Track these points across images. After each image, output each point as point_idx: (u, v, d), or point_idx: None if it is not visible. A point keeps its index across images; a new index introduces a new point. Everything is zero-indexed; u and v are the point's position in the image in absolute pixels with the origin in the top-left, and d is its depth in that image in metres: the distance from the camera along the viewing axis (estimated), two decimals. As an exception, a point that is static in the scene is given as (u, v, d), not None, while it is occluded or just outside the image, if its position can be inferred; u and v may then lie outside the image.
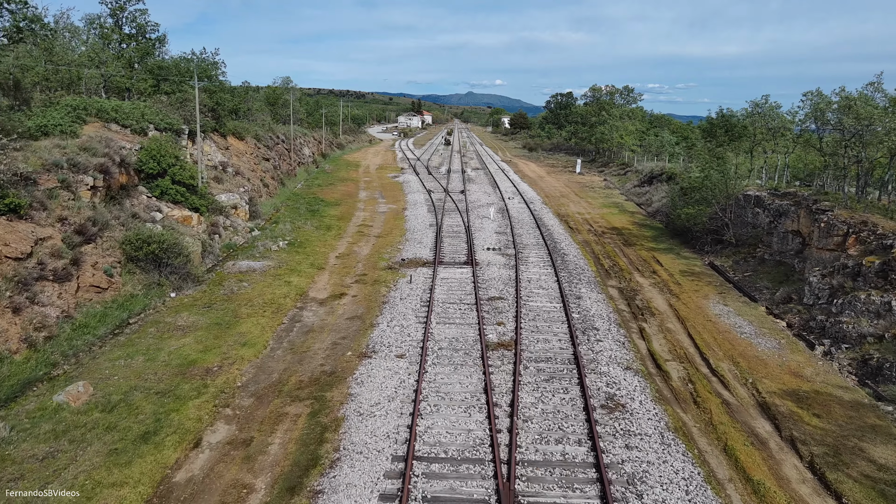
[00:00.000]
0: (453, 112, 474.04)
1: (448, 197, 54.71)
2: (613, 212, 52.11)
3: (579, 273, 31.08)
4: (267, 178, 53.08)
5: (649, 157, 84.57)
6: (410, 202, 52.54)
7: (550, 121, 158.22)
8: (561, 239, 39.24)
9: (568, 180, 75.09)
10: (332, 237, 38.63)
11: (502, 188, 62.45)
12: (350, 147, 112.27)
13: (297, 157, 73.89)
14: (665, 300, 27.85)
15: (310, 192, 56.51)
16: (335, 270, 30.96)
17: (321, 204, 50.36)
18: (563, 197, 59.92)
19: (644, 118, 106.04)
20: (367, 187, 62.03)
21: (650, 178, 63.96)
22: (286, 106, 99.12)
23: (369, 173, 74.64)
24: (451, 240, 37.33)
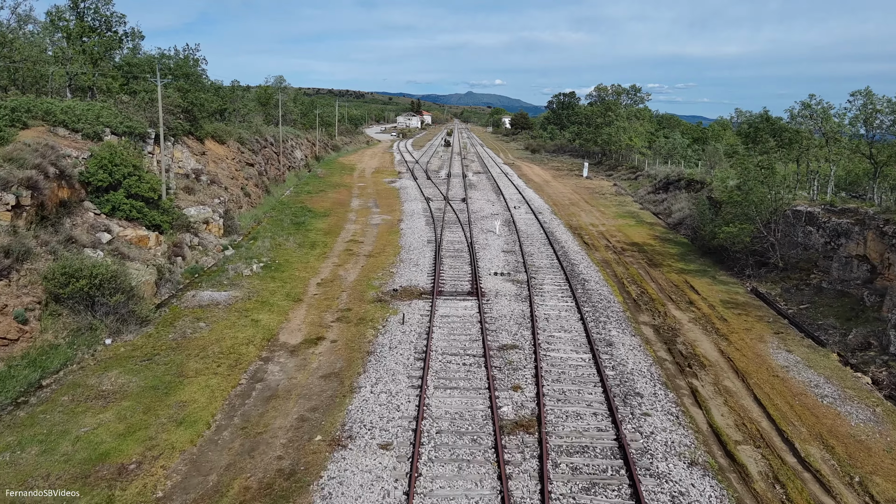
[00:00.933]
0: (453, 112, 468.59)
1: (448, 206, 49.48)
2: (630, 223, 46.88)
3: (605, 306, 25.84)
4: (249, 186, 47.81)
5: (660, 160, 79.40)
6: (407, 212, 47.30)
7: (553, 121, 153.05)
8: (577, 259, 34.00)
9: (576, 185, 69.87)
10: (316, 257, 33.38)
11: (507, 195, 57.21)
12: (346, 149, 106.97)
13: (288, 160, 68.64)
14: (713, 344, 22.63)
15: (298, 201, 51.26)
16: (314, 303, 25.71)
17: (308, 215, 45.10)
18: (574, 205, 54.68)
19: (652, 119, 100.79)
20: (360, 194, 56.79)
21: (666, 185, 58.71)
22: (278, 106, 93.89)
23: (364, 178, 69.38)
24: (451, 261, 32.09)
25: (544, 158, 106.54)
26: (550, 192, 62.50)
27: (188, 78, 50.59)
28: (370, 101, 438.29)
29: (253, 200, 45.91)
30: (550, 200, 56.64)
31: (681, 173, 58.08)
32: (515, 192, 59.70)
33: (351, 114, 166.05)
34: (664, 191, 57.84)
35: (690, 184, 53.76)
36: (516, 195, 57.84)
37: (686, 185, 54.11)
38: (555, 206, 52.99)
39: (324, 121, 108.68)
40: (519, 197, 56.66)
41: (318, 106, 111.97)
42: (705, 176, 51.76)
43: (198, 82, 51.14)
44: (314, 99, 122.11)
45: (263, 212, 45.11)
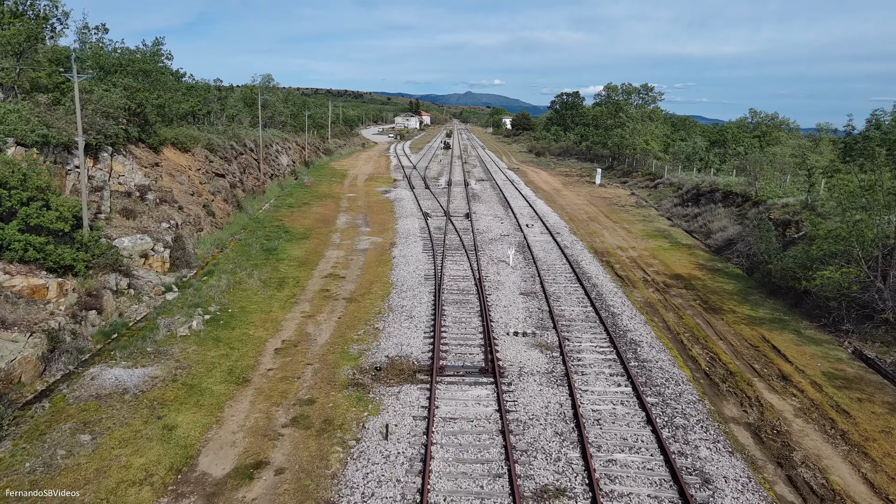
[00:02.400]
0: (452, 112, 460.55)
1: (450, 223, 41.75)
2: (664, 246, 39.17)
3: (673, 390, 18.12)
4: (216, 203, 40.05)
5: (679, 165, 71.71)
6: (401, 232, 39.55)
7: (556, 122, 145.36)
8: (615, 302, 26.28)
9: (590, 195, 62.13)
10: (283, 302, 25.64)
11: (516, 208, 49.47)
12: (339, 152, 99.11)
13: (271, 168, 60.83)
14: (850, 465, 14.96)
15: (275, 218, 43.49)
16: (265, 388, 17.99)
17: (284, 237, 37.36)
18: (593, 220, 46.96)
19: (666, 120, 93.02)
20: (349, 208, 49.02)
21: (696, 196, 51.00)
22: (266, 107, 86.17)
23: (356, 187, 61.59)
24: (456, 310, 24.34)
25: (550, 162, 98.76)
26: (564, 204, 54.78)
27: (147, 75, 42.86)
28: (368, 102, 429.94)
29: (219, 220, 38.13)
30: (566, 215, 48.92)
31: (714, 183, 50.32)
32: (525, 205, 51.94)
33: (347, 114, 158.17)
34: (694, 203, 50.12)
35: (728, 196, 46.06)
36: (527, 208, 50.08)
37: (723, 198, 46.40)
38: (572, 223, 45.26)
39: (316, 122, 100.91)
40: (530, 211, 48.89)
41: (310, 106, 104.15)
42: (748, 189, 44.03)
43: (158, 80, 43.36)
44: (306, 99, 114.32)
45: (231, 234, 37.36)
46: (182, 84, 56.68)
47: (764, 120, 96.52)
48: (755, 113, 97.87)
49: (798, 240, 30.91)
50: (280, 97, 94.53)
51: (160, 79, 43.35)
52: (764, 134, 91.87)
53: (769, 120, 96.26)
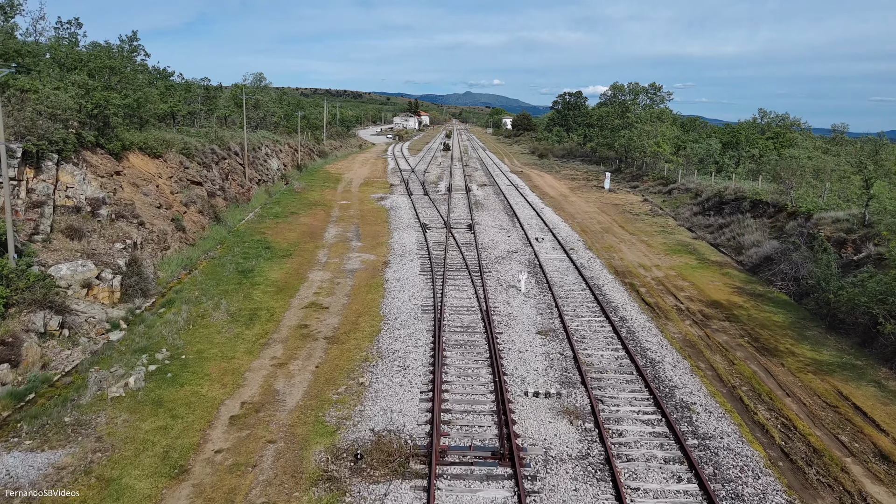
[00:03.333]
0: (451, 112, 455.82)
1: (450, 237, 37.18)
2: (690, 263, 34.59)
3: (752, 488, 13.47)
4: (189, 215, 35.45)
5: (693, 169, 67.16)
6: (396, 248, 34.96)
7: (558, 122, 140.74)
8: (651, 342, 21.70)
9: (599, 201, 57.55)
10: (249, 344, 21.03)
11: (522, 218, 44.87)
12: (335, 154, 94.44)
13: (258, 173, 56.21)
14: None
15: (257, 231, 38.89)
16: (205, 485, 13.32)
17: (264, 255, 32.75)
18: (607, 232, 42.37)
19: (675, 121, 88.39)
20: (340, 218, 44.39)
21: (719, 204, 46.42)
22: (258, 107, 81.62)
23: (349, 193, 56.97)
24: (460, 358, 19.72)
25: (554, 165, 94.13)
26: (573, 213, 50.19)
27: (114, 72, 38.26)
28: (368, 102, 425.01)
29: (191, 235, 33.49)
30: (577, 225, 44.31)
31: (739, 190, 45.71)
32: (532, 214, 47.32)
33: (344, 115, 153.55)
34: (717, 212, 45.54)
35: (757, 206, 41.49)
36: (534, 218, 45.45)
37: (751, 208, 41.82)
38: (585, 236, 40.67)
39: (311, 123, 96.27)
40: (538, 221, 44.26)
41: (305, 107, 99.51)
42: (782, 198, 39.42)
43: (127, 78, 38.73)
44: (301, 99, 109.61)
45: (204, 251, 32.75)
46: (161, 83, 52.03)
47: (774, 120, 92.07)
48: (765, 113, 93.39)
49: (857, 263, 26.32)
50: (273, 97, 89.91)
51: (129, 77, 38.69)
52: (777, 135, 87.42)
53: (779, 120, 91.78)
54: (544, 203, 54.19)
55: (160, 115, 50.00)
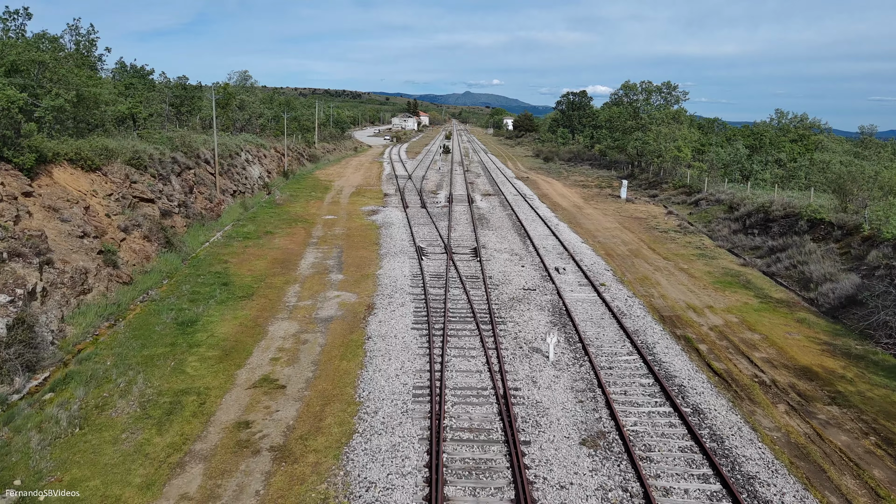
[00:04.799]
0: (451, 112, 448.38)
1: (451, 266, 30.08)
2: (750, 302, 27.47)
3: None
4: (131, 242, 28.32)
5: (718, 176, 60.15)
6: (385, 284, 27.84)
7: (563, 123, 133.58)
8: (746, 454, 14.57)
9: (618, 214, 50.47)
10: (153, 467, 13.85)
11: (535, 237, 37.78)
12: (327, 158, 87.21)
13: (234, 183, 49.06)
14: None
15: (219, 258, 31.78)
16: None
17: (218, 295, 25.63)
18: (636, 255, 35.30)
19: (693, 123, 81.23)
20: (322, 239, 37.26)
21: (764, 222, 39.33)
22: (244, 108, 74.50)
23: (337, 205, 49.83)
24: (468, 496, 12.64)
25: (562, 169, 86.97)
26: (592, 229, 43.08)
27: (44, 68, 31.14)
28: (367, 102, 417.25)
29: (125, 271, 26.31)
30: (600, 247, 37.21)
31: (789, 206, 38.54)
32: (546, 232, 40.20)
33: (341, 115, 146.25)
34: (762, 231, 38.47)
35: (816, 225, 34.41)
36: (550, 238, 38.32)
37: (809, 228, 34.73)
38: (612, 262, 33.60)
39: (302, 125, 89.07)
40: (554, 243, 37.15)
41: (296, 107, 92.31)
42: (851, 218, 32.29)
43: (59, 75, 31.56)
44: (291, 99, 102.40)
45: (140, 292, 25.62)
46: (120, 82, 44.77)
47: (792, 121, 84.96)
48: (782, 114, 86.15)
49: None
50: (260, 97, 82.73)
51: (64, 74, 31.51)
52: (801, 137, 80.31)
53: (798, 121, 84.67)
54: (558, 217, 47.05)
55: (118, 118, 42.89)
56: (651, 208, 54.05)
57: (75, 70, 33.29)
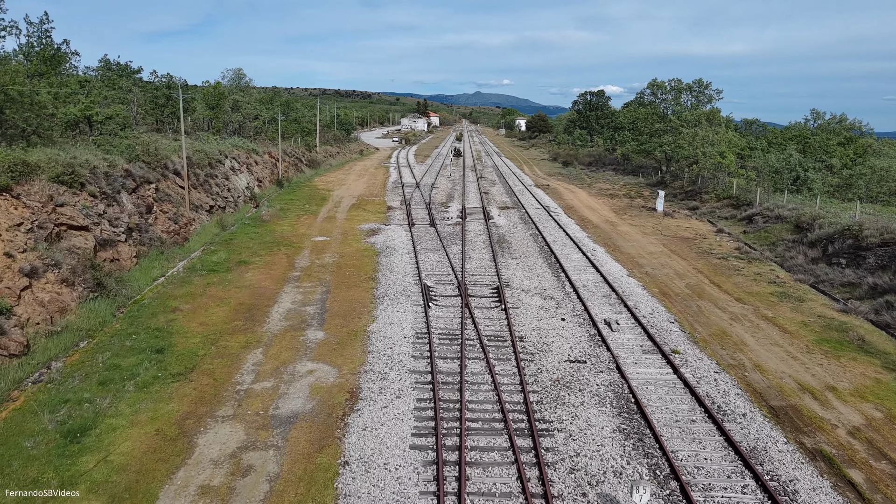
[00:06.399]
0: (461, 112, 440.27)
1: (468, 318, 22.32)
2: (883, 378, 19.45)
3: None
4: (38, 292, 20.71)
5: (768, 185, 52.05)
6: (379, 346, 20.11)
7: (579, 124, 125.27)
8: None
9: (658, 231, 42.46)
10: None
11: (571, 269, 29.92)
12: (329, 163, 79.55)
13: (212, 197, 41.46)
14: None
15: (166, 305, 24.12)
16: None
17: (142, 373, 17.97)
18: (699, 296, 27.35)
19: (729, 125, 72.79)
20: (306, 272, 29.53)
21: (854, 249, 31.25)
22: (239, 108, 66.99)
23: (332, 222, 42.12)
24: None
25: (583, 175, 78.86)
26: (634, 254, 35.15)
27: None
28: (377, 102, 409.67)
29: (14, 338, 18.63)
30: (651, 281, 29.30)
31: (888, 232, 30.37)
32: (583, 263, 32.28)
33: (348, 116, 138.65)
34: (852, 261, 30.39)
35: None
36: (588, 271, 30.38)
37: (926, 264, 26.57)
38: (673, 306, 25.70)
39: (302, 127, 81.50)
40: (595, 278, 29.22)
41: (297, 108, 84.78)
42: None
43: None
44: (291, 99, 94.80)
45: (33, 368, 18.00)
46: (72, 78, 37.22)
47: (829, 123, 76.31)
48: (818, 114, 77.54)
49: None
50: (256, 97, 75.21)
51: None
52: (848, 141, 71.71)
53: (835, 122, 75.98)
54: (591, 238, 39.10)
55: (69, 123, 35.41)
56: (695, 224, 45.96)
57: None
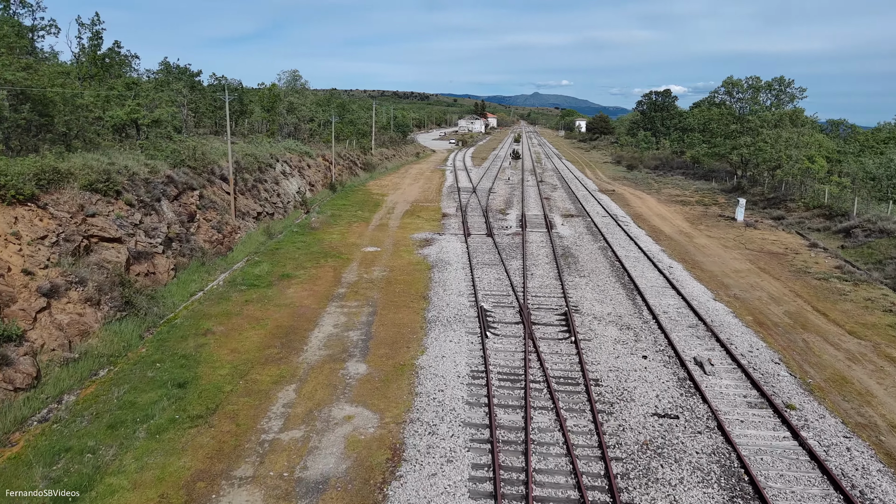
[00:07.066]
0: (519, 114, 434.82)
1: (532, 349, 19.09)
2: None
3: None
4: (56, 314, 18.71)
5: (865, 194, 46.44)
6: (428, 387, 17.13)
7: (643, 126, 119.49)
8: None
9: (741, 244, 37.95)
10: None
11: (647, 291, 26.20)
12: (384, 166, 77.45)
13: (259, 203, 39.57)
14: None
15: (198, 328, 21.84)
16: None
17: (156, 416, 15.55)
18: (804, 327, 23.13)
19: (814, 125, 66.53)
20: (353, 288, 26.87)
21: None
22: (294, 111, 65.57)
23: (385, 230, 39.54)
24: None
25: (649, 179, 73.99)
26: (717, 272, 31.01)
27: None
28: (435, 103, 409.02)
29: (22, 368, 16.58)
30: (741, 306, 25.24)
31: None
32: (659, 280, 28.45)
33: (405, 118, 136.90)
34: None
35: None
36: (669, 294, 26.55)
37: None
38: (773, 340, 21.69)
39: (358, 129, 79.71)
40: (677, 301, 25.39)
41: (352, 110, 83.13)
42: None
43: None
44: (347, 101, 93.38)
45: (41, 404, 15.88)
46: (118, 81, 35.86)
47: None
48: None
49: None
50: (311, 99, 73.80)
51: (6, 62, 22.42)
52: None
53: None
54: (665, 251, 35.09)
55: (115, 126, 34.04)
56: (783, 237, 41.08)
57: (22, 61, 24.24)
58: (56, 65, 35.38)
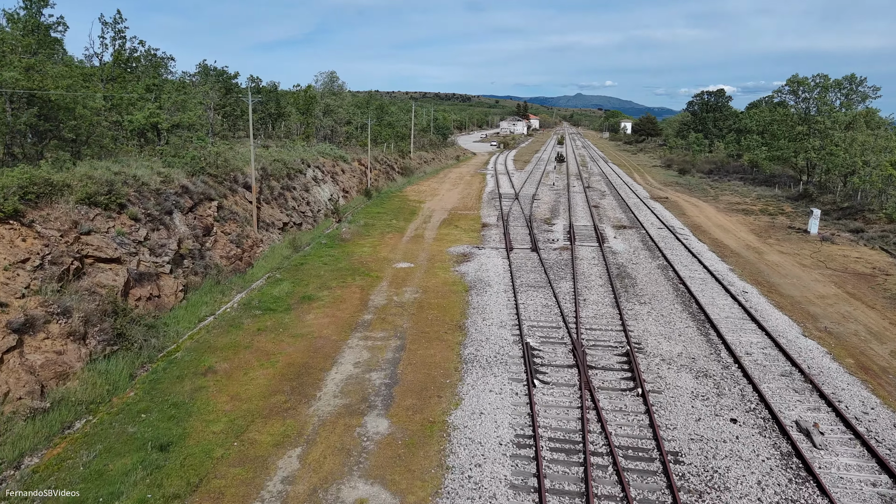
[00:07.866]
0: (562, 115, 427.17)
1: (591, 406, 15.34)
2: None
3: None
4: (28, 354, 15.86)
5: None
6: (463, 463, 13.55)
7: (694, 127, 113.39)
8: None
9: (820, 263, 33.20)
10: None
11: (721, 323, 22.10)
12: (423, 171, 74.20)
13: (286, 212, 36.72)
14: None
15: (198, 366, 18.77)
16: None
17: (125, 493, 12.46)
18: (930, 380, 18.66)
19: (888, 127, 60.34)
20: (380, 314, 23.53)
21: None
22: (331, 113, 62.97)
23: (419, 242, 36.15)
24: None
25: (704, 185, 68.74)
26: (799, 297, 26.53)
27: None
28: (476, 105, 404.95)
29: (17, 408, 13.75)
30: (838, 345, 20.90)
31: None
32: (733, 309, 24.21)
33: (446, 119, 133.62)
34: None
35: None
36: (748, 328, 22.34)
37: None
38: (880, 386, 17.34)
39: (397, 132, 76.73)
40: (760, 337, 21.19)
41: (391, 112, 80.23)
42: None
43: None
44: (385, 103, 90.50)
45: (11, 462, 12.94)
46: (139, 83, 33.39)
47: None
48: None
49: None
50: (349, 101, 71.09)
51: None
52: None
53: None
54: (736, 273, 30.65)
55: (134, 130, 31.57)
56: (867, 254, 36.05)
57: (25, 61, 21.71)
58: (75, 66, 33.19)
